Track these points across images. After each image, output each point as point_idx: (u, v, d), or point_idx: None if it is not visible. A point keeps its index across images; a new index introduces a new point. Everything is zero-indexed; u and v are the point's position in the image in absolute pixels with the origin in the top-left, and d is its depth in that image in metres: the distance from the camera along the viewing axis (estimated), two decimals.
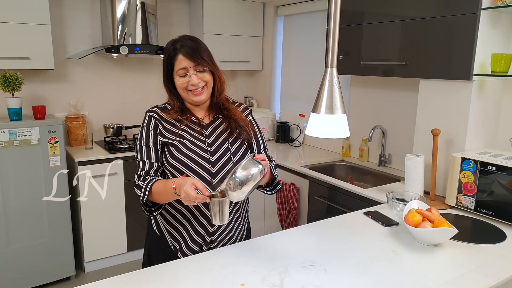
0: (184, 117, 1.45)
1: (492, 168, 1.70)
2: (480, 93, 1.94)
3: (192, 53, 1.37)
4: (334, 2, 1.11)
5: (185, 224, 1.45)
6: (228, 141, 1.46)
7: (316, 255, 1.37)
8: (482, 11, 1.80)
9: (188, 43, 1.38)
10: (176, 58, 1.38)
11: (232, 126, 1.47)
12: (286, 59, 3.64)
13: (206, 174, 1.40)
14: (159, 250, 1.51)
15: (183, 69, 1.38)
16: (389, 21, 2.19)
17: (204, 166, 1.40)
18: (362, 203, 2.12)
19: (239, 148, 1.47)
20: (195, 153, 1.40)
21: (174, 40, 1.42)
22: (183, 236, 1.46)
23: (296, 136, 3.38)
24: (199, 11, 3.40)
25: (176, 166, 1.40)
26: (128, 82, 3.44)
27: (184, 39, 1.40)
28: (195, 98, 1.42)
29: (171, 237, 1.48)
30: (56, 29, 3.05)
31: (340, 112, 1.14)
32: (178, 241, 1.47)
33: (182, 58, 1.37)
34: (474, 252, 1.43)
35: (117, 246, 3.02)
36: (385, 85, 2.68)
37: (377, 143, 2.75)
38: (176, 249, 1.48)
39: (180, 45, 1.38)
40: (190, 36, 1.43)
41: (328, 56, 1.14)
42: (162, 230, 1.51)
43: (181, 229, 1.45)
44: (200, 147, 1.42)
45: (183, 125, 1.44)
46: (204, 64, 1.39)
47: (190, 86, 1.39)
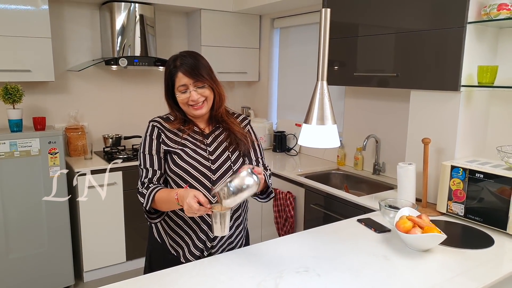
0: (186, 127, 1.51)
1: (480, 175, 1.76)
2: (468, 104, 2.01)
3: (191, 71, 1.42)
4: (324, 18, 1.18)
5: (187, 230, 1.50)
6: (228, 150, 1.52)
7: (310, 261, 1.42)
8: (468, 25, 1.87)
9: (187, 60, 1.44)
10: (176, 75, 1.44)
11: (232, 137, 1.54)
12: (283, 70, 3.72)
13: (207, 181, 1.46)
14: (160, 257, 1.55)
15: (183, 86, 1.44)
16: (381, 33, 2.27)
17: (205, 174, 1.46)
18: (357, 211, 2.17)
19: (239, 157, 1.54)
20: (197, 161, 1.46)
21: (175, 57, 1.47)
22: (185, 241, 1.50)
23: (292, 145, 3.44)
24: (197, 24, 3.48)
25: (179, 173, 1.46)
26: (127, 93, 3.51)
27: (184, 56, 1.46)
28: (196, 112, 1.48)
29: (173, 242, 1.53)
30: (57, 41, 3.11)
31: (330, 123, 1.20)
32: (181, 246, 1.51)
33: (182, 76, 1.43)
34: (463, 257, 1.48)
35: (116, 255, 3.05)
36: (378, 95, 2.75)
37: (371, 152, 2.81)
38: (178, 255, 1.52)
39: (180, 62, 1.44)
40: (190, 52, 1.49)
41: (319, 70, 1.20)
42: (163, 237, 1.55)
43: (183, 235, 1.50)
44: (202, 155, 1.48)
45: (185, 135, 1.50)
46: (203, 81, 1.44)
47: (191, 102, 1.45)
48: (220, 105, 1.53)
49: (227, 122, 1.55)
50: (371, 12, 2.31)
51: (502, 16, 1.79)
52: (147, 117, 3.67)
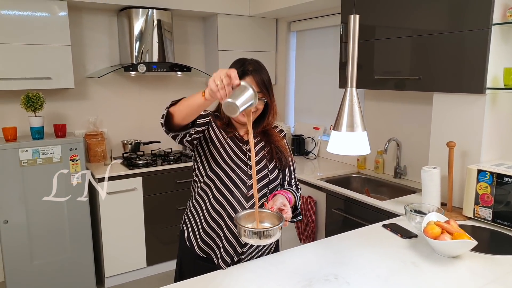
0: (229, 129, 1.53)
1: (508, 179, 1.73)
2: (493, 106, 1.97)
3: (260, 81, 1.44)
4: (352, 23, 1.17)
5: (219, 233, 1.50)
6: (266, 159, 1.55)
7: (338, 268, 1.40)
8: (493, 26, 1.84)
9: (260, 70, 1.46)
10: (244, 78, 1.43)
11: (273, 151, 1.55)
12: (299, 73, 3.71)
13: (243, 185, 1.47)
14: (190, 261, 1.56)
15: None
16: (401, 36, 2.24)
17: (242, 178, 1.48)
18: (379, 215, 2.14)
19: (275, 168, 1.56)
20: (236, 164, 1.48)
21: (244, 59, 1.48)
22: (216, 244, 1.50)
23: (311, 148, 3.42)
24: (214, 29, 3.49)
25: (217, 172, 1.47)
26: (146, 98, 3.54)
27: (255, 63, 1.48)
28: (242, 119, 1.49)
29: (205, 245, 1.52)
30: (76, 49, 3.16)
31: (360, 130, 1.19)
32: (212, 249, 1.51)
33: (251, 80, 1.44)
34: (493, 263, 1.45)
35: (136, 261, 3.07)
36: (398, 98, 2.72)
37: (392, 155, 2.78)
38: (208, 259, 1.52)
39: (253, 68, 1.45)
40: (260, 62, 1.50)
41: (348, 76, 1.19)
42: (192, 241, 1.56)
43: (215, 238, 1.50)
44: (242, 159, 1.50)
45: (229, 136, 1.52)
46: (265, 94, 1.47)
47: None
48: (271, 121, 1.56)
49: (270, 134, 1.57)
50: (392, 14, 2.28)
51: None
52: None
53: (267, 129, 1.57)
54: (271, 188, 1.54)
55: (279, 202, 1.38)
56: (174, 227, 3.19)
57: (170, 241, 3.20)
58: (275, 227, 1.24)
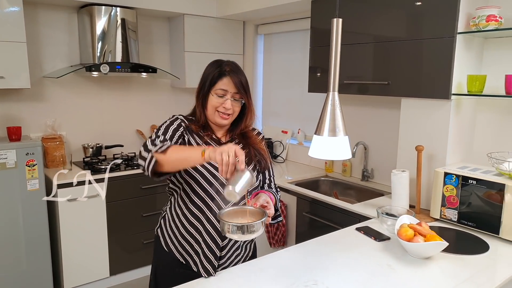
0: (205, 133, 1.50)
1: (472, 182, 1.80)
2: (457, 111, 2.06)
3: (238, 82, 1.44)
4: (335, 27, 1.17)
5: (197, 238, 1.45)
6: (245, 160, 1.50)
7: (317, 273, 1.39)
8: (458, 35, 1.92)
9: (238, 71, 1.46)
10: (221, 78, 1.43)
11: (252, 153, 1.52)
12: (267, 77, 3.70)
13: (221, 188, 1.43)
14: (167, 267, 1.50)
15: (224, 91, 1.44)
16: (372, 42, 2.29)
17: (221, 181, 1.44)
18: (350, 218, 2.17)
19: (253, 170, 1.53)
20: (214, 167, 1.44)
21: (221, 61, 1.48)
22: (195, 251, 1.45)
23: (279, 152, 3.43)
24: (180, 29, 3.41)
25: (194, 176, 1.43)
26: (108, 100, 3.39)
27: (233, 64, 1.48)
28: (220, 120, 1.47)
29: (184, 250, 1.47)
30: (32, 47, 2.97)
31: (342, 134, 1.19)
32: (190, 256, 1.46)
33: (228, 82, 1.43)
34: (463, 263, 1.50)
35: (99, 271, 2.92)
36: (366, 102, 2.78)
37: (359, 159, 2.84)
38: (187, 266, 1.47)
39: (230, 69, 1.45)
40: (237, 64, 1.50)
41: (330, 80, 1.19)
42: (169, 246, 1.49)
43: (193, 244, 1.46)
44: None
45: (205, 139, 1.49)
46: (242, 95, 1.46)
47: (222, 108, 1.45)
48: (250, 123, 1.55)
49: (249, 137, 1.55)
50: (362, 21, 2.33)
51: (491, 27, 1.85)
52: (128, 125, 3.60)
53: (246, 131, 1.56)
54: (250, 191, 1.51)
55: (262, 199, 1.39)
56: (139, 234, 3.07)
57: (134, 249, 3.07)
58: (258, 222, 1.24)
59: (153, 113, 3.64)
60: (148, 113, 3.61)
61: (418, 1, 2.04)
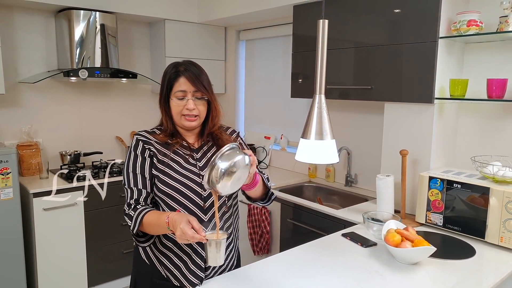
0: (174, 141, 1.43)
1: (457, 185, 1.80)
2: (440, 115, 2.07)
3: (195, 78, 1.38)
4: (321, 29, 1.14)
5: (179, 254, 1.39)
6: None
7: (305, 281, 1.36)
8: (440, 39, 1.94)
9: (192, 68, 1.40)
10: (177, 80, 1.38)
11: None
12: (249, 83, 3.68)
13: (197, 198, 1.37)
14: (147, 280, 1.43)
15: (182, 92, 1.38)
16: (353, 47, 2.29)
17: (195, 191, 1.38)
18: (335, 224, 2.14)
19: None
20: (187, 178, 1.38)
21: (176, 63, 1.42)
22: (177, 266, 1.39)
23: (262, 158, 3.39)
24: (161, 35, 3.35)
25: (167, 192, 1.36)
26: (86, 106, 3.29)
27: (188, 63, 1.42)
28: (187, 124, 1.41)
29: (165, 263, 1.41)
30: (7, 51, 2.86)
31: (329, 138, 1.16)
32: (172, 269, 1.40)
33: (184, 81, 1.37)
34: (451, 268, 1.48)
35: (76, 282, 2.80)
36: (348, 107, 2.78)
37: (343, 164, 2.82)
38: (168, 278, 1.40)
39: (184, 68, 1.39)
40: (193, 62, 1.44)
41: (316, 83, 1.16)
42: (151, 258, 1.43)
43: (175, 259, 1.40)
44: (192, 171, 1.40)
45: (173, 149, 1.42)
46: (203, 92, 1.39)
47: (185, 110, 1.39)
48: (216, 122, 1.48)
49: (218, 137, 1.48)
50: (345, 26, 2.33)
51: (472, 31, 1.87)
52: (108, 132, 3.50)
53: (216, 133, 1.49)
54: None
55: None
56: (119, 244, 2.97)
57: (114, 259, 2.97)
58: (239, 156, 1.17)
59: (133, 119, 3.56)
60: (128, 119, 3.53)
61: (397, 8, 2.06)
